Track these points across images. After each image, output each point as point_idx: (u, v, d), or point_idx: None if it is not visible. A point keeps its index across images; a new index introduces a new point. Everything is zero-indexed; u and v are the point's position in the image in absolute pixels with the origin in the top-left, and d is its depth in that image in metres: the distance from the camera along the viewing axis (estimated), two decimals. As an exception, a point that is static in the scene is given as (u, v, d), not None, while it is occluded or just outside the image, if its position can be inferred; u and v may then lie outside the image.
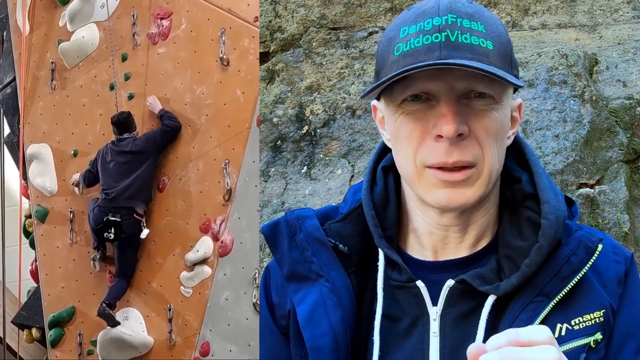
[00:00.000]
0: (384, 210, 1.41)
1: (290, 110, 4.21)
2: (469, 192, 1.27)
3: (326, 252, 1.37)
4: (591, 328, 1.28)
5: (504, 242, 1.34)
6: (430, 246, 1.37)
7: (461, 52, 1.22)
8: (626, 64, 3.99)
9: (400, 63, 1.25)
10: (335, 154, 4.10)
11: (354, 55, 4.27)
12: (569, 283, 1.28)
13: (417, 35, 1.25)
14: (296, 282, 1.39)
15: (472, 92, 1.26)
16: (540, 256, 1.28)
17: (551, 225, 1.28)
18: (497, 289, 1.28)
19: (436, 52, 1.22)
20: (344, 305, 1.33)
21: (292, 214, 1.42)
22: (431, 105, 1.27)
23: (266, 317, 1.48)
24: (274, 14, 4.45)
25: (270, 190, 4.08)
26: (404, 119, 1.29)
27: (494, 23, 1.29)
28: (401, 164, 1.33)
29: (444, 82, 1.24)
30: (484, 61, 1.23)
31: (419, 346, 1.31)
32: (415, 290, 1.33)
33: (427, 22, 1.25)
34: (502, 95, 1.29)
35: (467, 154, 1.25)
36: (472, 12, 1.27)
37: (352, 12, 4.37)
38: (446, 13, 1.25)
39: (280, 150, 4.17)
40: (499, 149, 1.30)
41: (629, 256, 1.40)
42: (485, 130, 1.27)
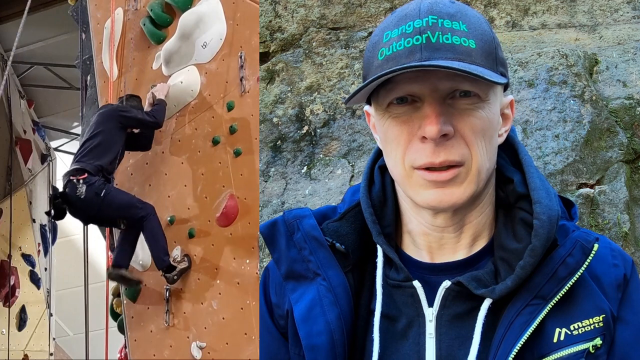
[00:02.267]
0: (381, 209, 1.41)
1: (290, 110, 4.21)
2: (458, 191, 1.27)
3: (323, 251, 1.37)
4: (590, 333, 1.27)
5: (499, 243, 1.34)
6: (426, 247, 1.37)
7: (442, 53, 1.23)
8: (626, 64, 3.98)
9: (383, 67, 1.26)
10: (335, 154, 4.10)
11: (354, 55, 4.27)
12: (566, 285, 1.27)
13: (399, 38, 1.25)
14: (294, 281, 1.39)
15: (457, 92, 1.26)
16: (533, 257, 1.27)
17: (543, 226, 1.28)
18: (492, 292, 1.28)
19: (417, 54, 1.23)
20: (340, 303, 1.33)
21: (290, 214, 1.43)
22: (416, 107, 1.27)
23: (265, 317, 1.49)
24: (274, 14, 4.45)
25: (270, 190, 4.08)
26: (391, 123, 1.30)
27: (476, 22, 1.29)
28: (391, 167, 1.34)
29: (428, 84, 1.24)
30: (466, 60, 1.23)
31: (415, 347, 1.31)
32: (411, 290, 1.33)
33: (409, 24, 1.25)
34: (488, 93, 1.29)
35: (454, 153, 1.25)
36: (453, 12, 1.27)
37: (352, 12, 4.37)
38: (427, 15, 1.25)
39: (280, 150, 4.17)
40: (488, 147, 1.30)
41: (629, 261, 1.38)
42: (471, 129, 1.26)
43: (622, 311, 1.32)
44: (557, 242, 1.31)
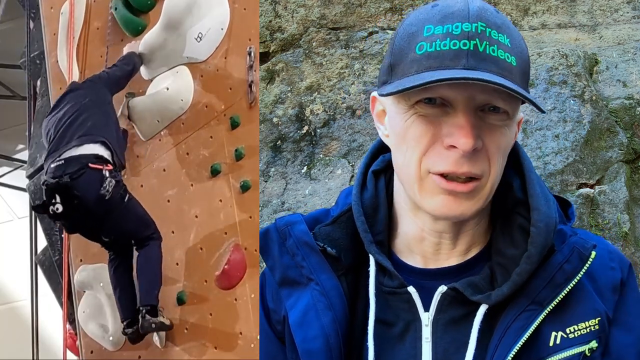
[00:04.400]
0: (374, 214, 1.40)
1: (290, 110, 4.21)
2: (469, 204, 1.27)
3: (315, 256, 1.38)
4: (586, 336, 1.27)
5: (496, 249, 1.34)
6: (420, 252, 1.37)
7: (487, 65, 1.20)
8: (626, 64, 3.98)
9: (422, 63, 1.22)
10: (335, 154, 4.10)
11: (354, 55, 4.27)
12: (563, 291, 1.27)
13: (444, 37, 1.21)
14: (288, 287, 1.39)
15: (488, 106, 1.24)
16: (530, 264, 1.27)
17: (540, 233, 1.28)
18: (488, 298, 1.28)
19: (463, 60, 1.20)
20: (334, 307, 1.33)
21: (282, 221, 1.43)
22: (446, 112, 1.24)
23: (263, 322, 1.49)
24: (274, 14, 4.45)
25: (270, 190, 4.08)
26: (416, 120, 1.26)
27: (518, 38, 1.27)
28: (401, 165, 1.31)
29: (466, 93, 1.22)
30: (507, 77, 1.21)
31: (412, 352, 1.31)
32: (407, 296, 1.33)
33: (456, 25, 1.21)
34: (515, 110, 1.28)
35: (477, 167, 1.24)
36: (500, 23, 1.24)
37: (352, 12, 4.37)
38: (476, 20, 1.21)
39: (280, 150, 4.17)
40: (503, 164, 1.30)
41: (627, 264, 1.38)
42: (496, 146, 1.26)
43: (617, 313, 1.32)
44: (554, 247, 1.31)
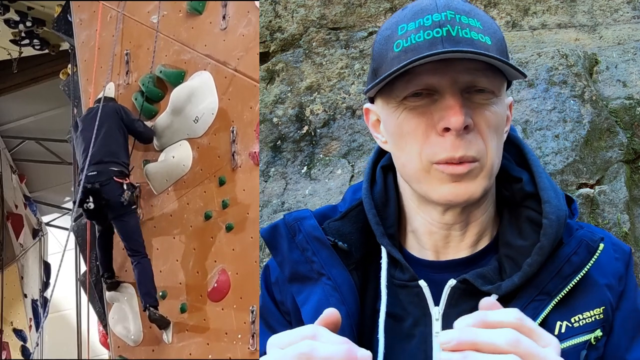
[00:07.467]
0: (384, 209, 1.41)
1: (290, 110, 4.21)
2: (473, 186, 1.28)
3: (326, 251, 1.38)
4: (591, 325, 1.30)
5: (504, 241, 1.35)
6: (431, 246, 1.38)
7: (463, 46, 1.24)
8: (626, 64, 3.99)
9: (401, 58, 1.26)
10: (335, 154, 4.10)
11: (354, 55, 4.27)
12: (571, 282, 1.29)
13: (417, 31, 1.26)
14: (299, 282, 1.39)
15: (473, 87, 1.28)
16: (541, 256, 1.29)
17: (552, 225, 1.30)
18: (498, 288, 1.29)
19: (439, 46, 1.23)
20: (347, 301, 1.34)
21: (290, 216, 1.43)
22: (434, 100, 1.27)
23: (272, 310, 1.49)
24: (274, 14, 4.45)
25: (270, 190, 4.08)
26: (407, 115, 1.30)
27: (489, 20, 1.32)
28: (404, 163, 1.33)
29: (448, 76, 1.25)
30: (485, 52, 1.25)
31: (422, 346, 1.32)
32: (417, 290, 1.34)
33: (427, 18, 1.26)
34: (501, 89, 1.31)
35: (472, 149, 1.27)
36: (468, 9, 1.30)
37: (352, 12, 4.37)
38: (445, 9, 1.27)
39: (280, 150, 4.16)
40: (499, 143, 1.32)
41: (628, 251, 1.42)
42: (487, 124, 1.28)
43: (619, 301, 1.36)
44: (562, 240, 1.33)
